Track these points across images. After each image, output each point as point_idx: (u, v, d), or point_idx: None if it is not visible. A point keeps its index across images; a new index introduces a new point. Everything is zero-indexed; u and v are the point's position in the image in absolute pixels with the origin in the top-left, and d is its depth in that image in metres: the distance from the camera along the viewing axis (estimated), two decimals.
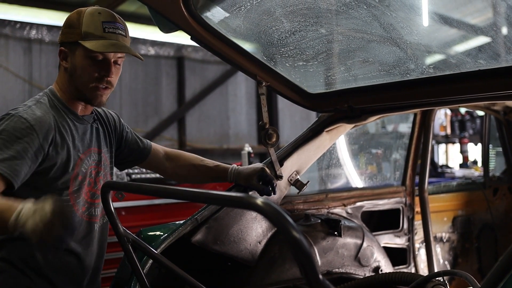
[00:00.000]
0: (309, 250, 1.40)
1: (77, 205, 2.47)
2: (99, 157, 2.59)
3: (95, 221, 2.58)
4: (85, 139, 2.52)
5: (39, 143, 2.28)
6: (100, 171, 2.58)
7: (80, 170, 2.46)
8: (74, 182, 2.44)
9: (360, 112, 3.01)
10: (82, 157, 2.47)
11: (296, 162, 3.12)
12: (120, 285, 2.85)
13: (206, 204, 2.92)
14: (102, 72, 2.41)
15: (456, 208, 4.25)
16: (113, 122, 2.74)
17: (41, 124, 2.31)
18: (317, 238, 3.12)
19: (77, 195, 2.46)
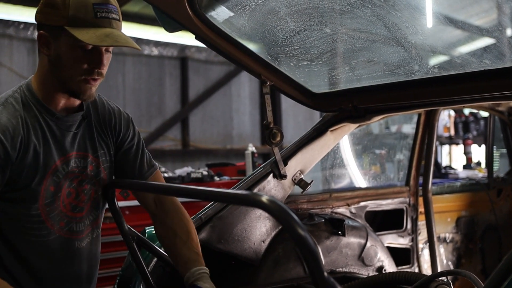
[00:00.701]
0: (314, 247, 1.41)
1: (50, 220, 2.11)
2: (84, 162, 2.19)
3: (77, 237, 2.20)
4: (64, 142, 2.13)
5: (6, 153, 1.97)
6: (84, 180, 2.19)
7: (52, 180, 2.09)
8: (45, 194, 2.08)
9: (364, 111, 3.01)
10: (57, 163, 2.10)
11: (300, 161, 3.12)
12: (124, 283, 2.86)
13: (211, 203, 2.93)
14: (93, 64, 2.02)
15: (460, 209, 4.26)
16: (114, 124, 2.30)
17: (6, 131, 1.98)
18: (321, 238, 3.13)
19: (50, 208, 2.10)
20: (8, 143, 1.98)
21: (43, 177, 2.06)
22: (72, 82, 2.04)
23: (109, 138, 2.28)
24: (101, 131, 2.26)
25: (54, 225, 2.12)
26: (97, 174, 2.23)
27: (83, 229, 2.21)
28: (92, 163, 2.21)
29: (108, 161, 2.27)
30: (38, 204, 2.07)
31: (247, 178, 3.07)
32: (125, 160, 2.33)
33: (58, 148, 2.11)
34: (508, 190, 4.51)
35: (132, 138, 2.34)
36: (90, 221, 2.25)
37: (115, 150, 2.30)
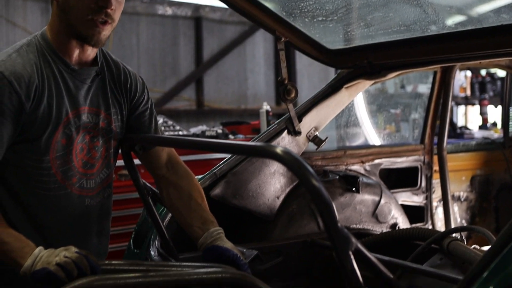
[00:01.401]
0: (328, 198, 1.42)
1: (61, 174, 2.09)
2: (96, 118, 2.16)
3: (88, 194, 2.18)
4: (78, 95, 2.10)
5: (20, 102, 1.96)
6: (96, 136, 2.17)
7: (64, 132, 2.06)
8: (56, 146, 2.06)
9: (379, 68, 2.99)
10: (69, 116, 2.07)
11: (315, 118, 3.12)
12: (140, 238, 2.89)
13: (225, 159, 2.95)
14: (101, 2, 1.97)
15: (475, 168, 4.24)
16: (130, 85, 2.26)
17: (22, 79, 1.96)
18: (335, 194, 3.14)
19: (61, 162, 2.08)
20: (22, 91, 1.96)
21: (55, 128, 2.04)
22: (80, 23, 1.99)
23: (123, 98, 2.25)
24: (115, 90, 2.22)
25: (65, 180, 2.10)
26: (108, 131, 2.20)
27: (94, 187, 2.19)
28: (104, 120, 2.18)
29: (119, 121, 2.24)
30: (49, 157, 2.05)
31: (261, 135, 3.08)
32: (139, 123, 2.31)
33: (71, 101, 2.08)
34: None
35: (146, 102, 2.32)
36: (101, 179, 2.22)
37: (128, 112, 2.27)
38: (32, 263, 1.86)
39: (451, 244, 2.49)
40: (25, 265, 1.86)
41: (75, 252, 1.86)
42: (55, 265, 1.82)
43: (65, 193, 2.12)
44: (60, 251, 1.87)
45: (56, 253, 1.87)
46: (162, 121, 5.47)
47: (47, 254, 1.87)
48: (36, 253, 1.88)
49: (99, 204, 2.23)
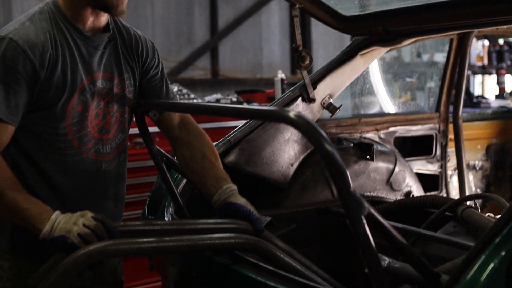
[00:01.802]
0: (341, 163, 1.42)
1: (77, 140, 2.11)
2: (111, 84, 2.17)
3: (104, 159, 2.20)
4: (91, 62, 2.12)
5: (34, 70, 1.97)
6: (110, 102, 2.18)
7: (80, 99, 2.08)
8: (72, 113, 2.07)
9: (395, 35, 2.96)
10: (84, 82, 2.09)
11: (330, 85, 3.10)
12: (154, 205, 2.91)
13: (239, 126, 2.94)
14: None
15: (491, 136, 4.21)
16: (141, 49, 2.27)
17: (35, 47, 1.97)
18: (349, 162, 3.13)
19: (77, 128, 2.10)
20: (36, 60, 1.96)
21: (70, 95, 2.05)
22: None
23: (135, 63, 2.26)
24: (127, 55, 2.23)
25: (81, 146, 2.12)
26: (122, 97, 2.22)
27: (110, 152, 2.21)
28: (118, 86, 2.20)
29: (132, 85, 2.25)
30: (65, 123, 2.07)
31: (276, 102, 3.07)
32: (150, 87, 2.32)
33: (85, 68, 2.10)
34: None
35: (157, 65, 2.33)
36: (117, 144, 2.24)
37: (140, 76, 2.28)
38: (50, 228, 1.89)
39: (465, 211, 2.49)
40: (43, 230, 1.89)
41: (92, 218, 1.90)
42: (76, 235, 1.86)
43: (81, 159, 2.14)
44: (77, 217, 1.90)
45: (73, 219, 1.90)
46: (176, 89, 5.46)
47: (64, 220, 1.90)
48: (53, 218, 1.90)
49: (115, 168, 2.25)
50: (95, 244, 1.83)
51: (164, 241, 1.94)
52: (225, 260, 2.04)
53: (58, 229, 1.88)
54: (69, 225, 1.88)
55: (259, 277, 1.87)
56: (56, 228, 1.88)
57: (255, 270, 1.91)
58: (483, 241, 1.48)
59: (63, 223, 1.89)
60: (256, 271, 1.91)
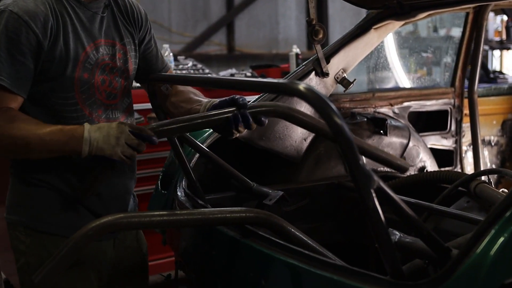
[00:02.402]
0: (350, 136, 1.41)
1: (88, 108, 2.13)
2: (113, 50, 2.19)
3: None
4: (92, 29, 2.13)
5: (37, 41, 1.97)
6: (115, 67, 2.20)
7: (85, 67, 2.10)
8: (80, 81, 2.09)
9: (409, 8, 2.92)
10: (87, 50, 2.10)
11: (343, 59, 3.07)
12: (167, 179, 2.92)
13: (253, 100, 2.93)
14: None
15: (506, 112, 4.17)
16: (136, 15, 2.30)
17: (37, 17, 1.97)
18: (362, 136, 3.12)
19: (86, 96, 2.12)
20: (39, 30, 1.97)
21: (75, 64, 2.06)
22: None
23: (133, 28, 2.28)
24: (125, 21, 2.25)
25: (92, 113, 2.14)
26: (125, 61, 2.24)
27: (119, 116, 2.23)
28: (120, 51, 2.22)
29: (133, 50, 2.28)
30: (74, 93, 2.09)
31: (289, 76, 3.06)
32: (146, 54, 2.36)
33: (87, 35, 2.11)
34: None
35: (150, 32, 2.37)
36: (124, 109, 2.26)
37: (138, 42, 2.32)
38: (88, 148, 1.94)
39: (478, 186, 2.47)
40: (82, 152, 1.94)
41: (130, 133, 1.94)
42: (120, 156, 1.94)
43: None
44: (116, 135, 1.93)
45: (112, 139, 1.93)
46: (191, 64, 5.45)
47: (103, 139, 1.93)
48: (86, 137, 1.93)
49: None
50: (107, 217, 1.84)
51: (175, 214, 1.95)
52: (236, 234, 2.05)
53: (100, 150, 1.93)
54: (109, 145, 1.93)
55: (270, 251, 1.87)
56: (96, 148, 1.93)
57: (266, 244, 1.92)
58: (493, 215, 1.47)
59: (101, 143, 1.93)
60: (266, 245, 1.91)
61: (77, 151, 1.94)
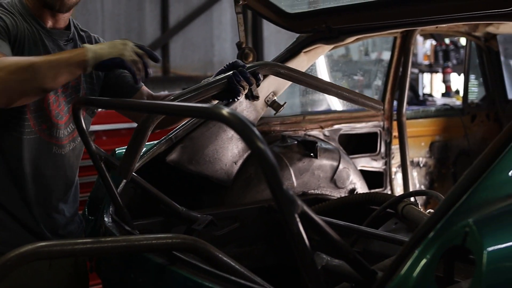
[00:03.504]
0: (273, 160, 1.40)
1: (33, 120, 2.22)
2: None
3: (56, 143, 2.32)
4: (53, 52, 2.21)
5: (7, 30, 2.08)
6: (65, 91, 2.31)
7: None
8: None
9: (338, 32, 2.96)
10: None
11: (274, 82, 3.08)
12: (95, 205, 2.86)
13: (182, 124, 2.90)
14: None
15: (434, 134, 4.27)
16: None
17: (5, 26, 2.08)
18: (293, 159, 3.13)
19: (35, 107, 2.22)
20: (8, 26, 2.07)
21: None
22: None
23: None
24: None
25: (35, 125, 2.21)
26: (77, 90, 2.33)
27: (62, 137, 2.32)
28: (75, 80, 2.29)
29: (89, 83, 2.38)
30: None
31: None
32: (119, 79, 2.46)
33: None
34: (482, 116, 4.53)
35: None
36: (69, 133, 2.34)
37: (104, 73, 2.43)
38: (94, 54, 1.95)
39: (405, 208, 2.50)
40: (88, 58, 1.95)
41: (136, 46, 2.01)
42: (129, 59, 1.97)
43: (34, 138, 2.23)
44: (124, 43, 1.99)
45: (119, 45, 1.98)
46: None
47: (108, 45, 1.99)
48: (90, 47, 1.97)
49: (67, 154, 2.37)
50: (27, 246, 1.77)
51: (100, 242, 1.89)
52: (163, 261, 2.01)
53: (107, 53, 1.96)
54: (118, 48, 1.97)
55: (197, 277, 1.84)
56: (103, 52, 1.96)
57: (193, 271, 1.88)
58: (417, 236, 1.48)
59: (108, 48, 1.97)
60: (194, 271, 1.88)
61: (83, 62, 1.95)
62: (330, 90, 2.74)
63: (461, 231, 1.35)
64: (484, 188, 1.51)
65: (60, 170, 2.36)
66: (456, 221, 1.41)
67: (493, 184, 1.52)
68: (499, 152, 1.57)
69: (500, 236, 1.35)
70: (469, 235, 1.33)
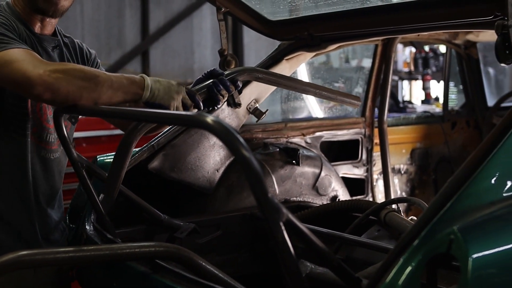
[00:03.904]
0: (258, 168, 1.40)
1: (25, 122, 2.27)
2: None
3: (45, 147, 2.37)
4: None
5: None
6: None
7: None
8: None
9: (320, 40, 2.97)
10: None
11: (255, 90, 3.08)
12: (76, 213, 2.83)
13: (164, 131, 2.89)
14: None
15: (415, 141, 4.30)
16: (85, 52, 2.51)
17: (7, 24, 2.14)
18: (275, 167, 3.12)
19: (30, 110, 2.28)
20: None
21: None
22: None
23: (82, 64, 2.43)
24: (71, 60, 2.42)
25: (27, 128, 2.25)
26: None
27: (51, 142, 2.35)
28: None
29: None
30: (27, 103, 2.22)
31: None
32: None
33: None
34: (462, 123, 4.57)
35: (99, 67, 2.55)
36: (56, 138, 2.35)
37: None
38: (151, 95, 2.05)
39: (388, 215, 2.51)
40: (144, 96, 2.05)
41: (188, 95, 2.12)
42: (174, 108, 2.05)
43: (25, 140, 2.26)
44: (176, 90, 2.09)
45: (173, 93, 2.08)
46: None
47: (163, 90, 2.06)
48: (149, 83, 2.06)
49: (56, 159, 2.40)
50: (8, 255, 1.75)
51: (82, 250, 1.87)
52: (146, 270, 1.99)
53: (160, 98, 2.05)
54: (170, 97, 2.06)
55: (180, 286, 1.83)
56: (157, 96, 2.05)
57: (176, 279, 1.87)
58: (401, 244, 1.48)
59: (163, 93, 2.06)
60: (177, 279, 1.87)
61: (138, 95, 2.05)
62: (308, 90, 2.79)
63: (446, 239, 1.35)
64: (468, 195, 1.52)
65: (49, 175, 2.38)
66: (441, 229, 1.42)
67: (476, 191, 1.53)
68: (481, 160, 1.57)
69: (485, 243, 1.36)
70: (454, 242, 1.33)
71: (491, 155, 1.57)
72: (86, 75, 2.02)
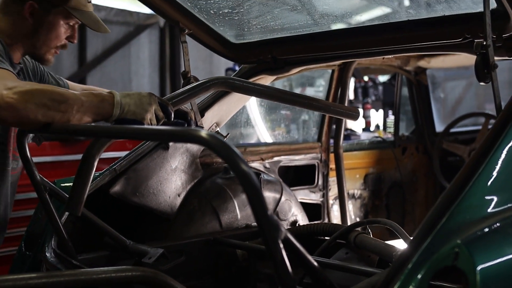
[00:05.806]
0: (257, 183, 1.36)
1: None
2: None
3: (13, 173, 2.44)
4: None
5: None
6: None
7: None
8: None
9: (283, 63, 2.97)
10: None
11: (217, 113, 3.05)
12: (33, 240, 2.72)
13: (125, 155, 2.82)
14: (71, 38, 2.42)
15: (368, 166, 4.33)
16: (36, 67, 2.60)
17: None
18: (236, 191, 3.07)
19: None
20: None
21: None
22: (46, 48, 2.38)
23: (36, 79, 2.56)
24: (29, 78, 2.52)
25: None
26: None
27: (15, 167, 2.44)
28: None
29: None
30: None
31: None
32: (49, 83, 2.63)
33: None
34: (412, 149, 4.64)
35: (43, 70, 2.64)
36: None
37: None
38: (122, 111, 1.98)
39: (358, 237, 2.49)
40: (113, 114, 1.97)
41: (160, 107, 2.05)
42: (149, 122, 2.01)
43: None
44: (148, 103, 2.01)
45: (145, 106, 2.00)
46: None
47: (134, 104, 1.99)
48: (118, 102, 1.98)
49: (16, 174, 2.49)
50: None
51: (55, 275, 1.78)
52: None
53: (132, 113, 1.99)
54: (142, 109, 1.99)
55: None
56: (128, 111, 1.98)
57: None
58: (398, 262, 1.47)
59: (134, 107, 1.99)
60: None
61: (108, 114, 1.98)
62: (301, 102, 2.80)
63: (451, 252, 1.35)
64: (460, 211, 1.52)
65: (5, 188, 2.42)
66: (441, 243, 1.41)
67: (468, 207, 1.54)
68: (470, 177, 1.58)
69: (490, 255, 1.36)
70: (460, 255, 1.32)
71: (478, 173, 1.59)
72: (56, 95, 1.93)
